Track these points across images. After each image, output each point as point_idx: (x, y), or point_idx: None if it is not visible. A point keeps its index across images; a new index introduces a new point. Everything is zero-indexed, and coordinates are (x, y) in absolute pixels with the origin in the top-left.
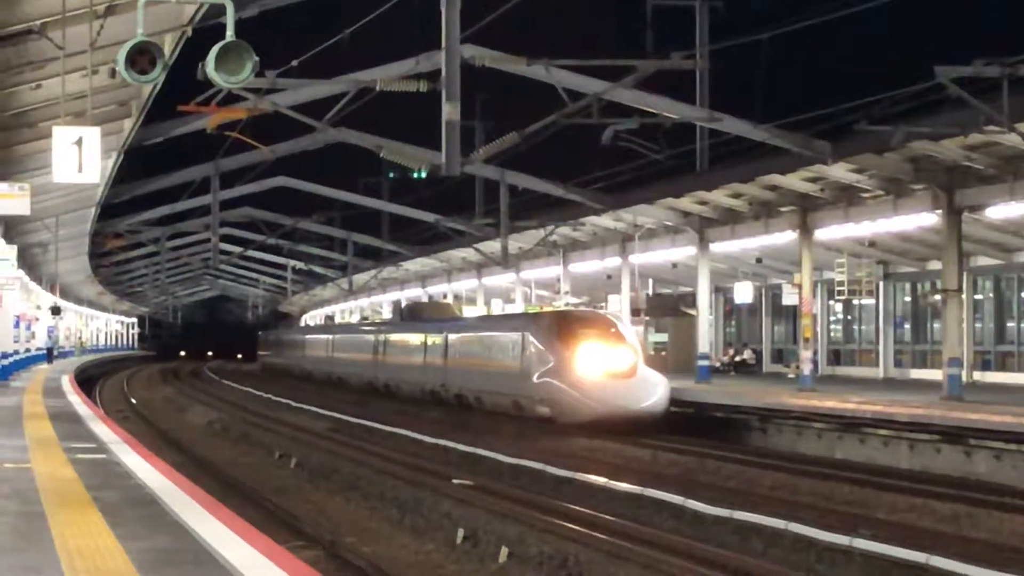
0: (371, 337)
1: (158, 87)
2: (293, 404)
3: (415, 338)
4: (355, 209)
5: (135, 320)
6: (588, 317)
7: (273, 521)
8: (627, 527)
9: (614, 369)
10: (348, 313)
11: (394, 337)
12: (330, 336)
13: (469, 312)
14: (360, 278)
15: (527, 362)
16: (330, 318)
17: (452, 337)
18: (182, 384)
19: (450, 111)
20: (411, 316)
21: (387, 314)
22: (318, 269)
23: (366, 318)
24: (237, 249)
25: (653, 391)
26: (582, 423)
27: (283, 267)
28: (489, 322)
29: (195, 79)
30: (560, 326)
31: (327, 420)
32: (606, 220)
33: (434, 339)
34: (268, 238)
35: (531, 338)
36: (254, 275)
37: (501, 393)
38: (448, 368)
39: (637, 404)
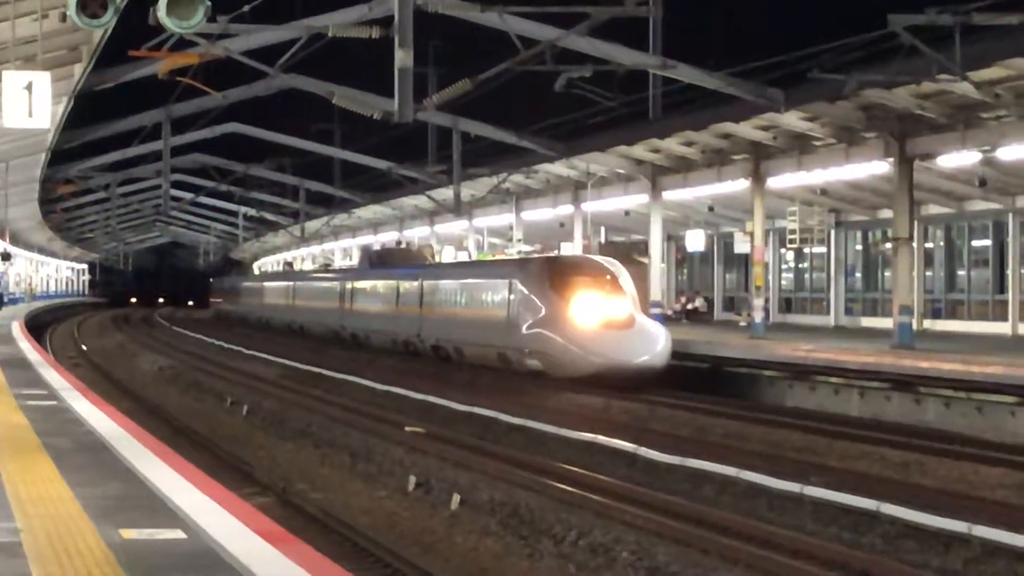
0: (337, 284)
1: (109, 32)
2: (245, 352)
3: (386, 285)
4: (307, 156)
5: (86, 267)
6: (582, 263)
7: (225, 468)
8: (579, 475)
9: (612, 319)
10: (312, 259)
11: (363, 284)
12: (291, 283)
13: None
14: (312, 225)
15: (515, 311)
16: (289, 264)
17: (428, 284)
18: (133, 331)
19: (403, 57)
20: (381, 262)
21: (349, 261)
22: (270, 216)
23: (328, 264)
24: (188, 196)
25: (654, 343)
26: (576, 377)
27: (234, 214)
28: (470, 268)
29: (146, 24)
30: (552, 272)
31: (279, 367)
32: (559, 168)
33: (407, 286)
34: (219, 185)
35: (520, 285)
36: (205, 222)
37: (485, 345)
38: (424, 317)
39: (636, 357)
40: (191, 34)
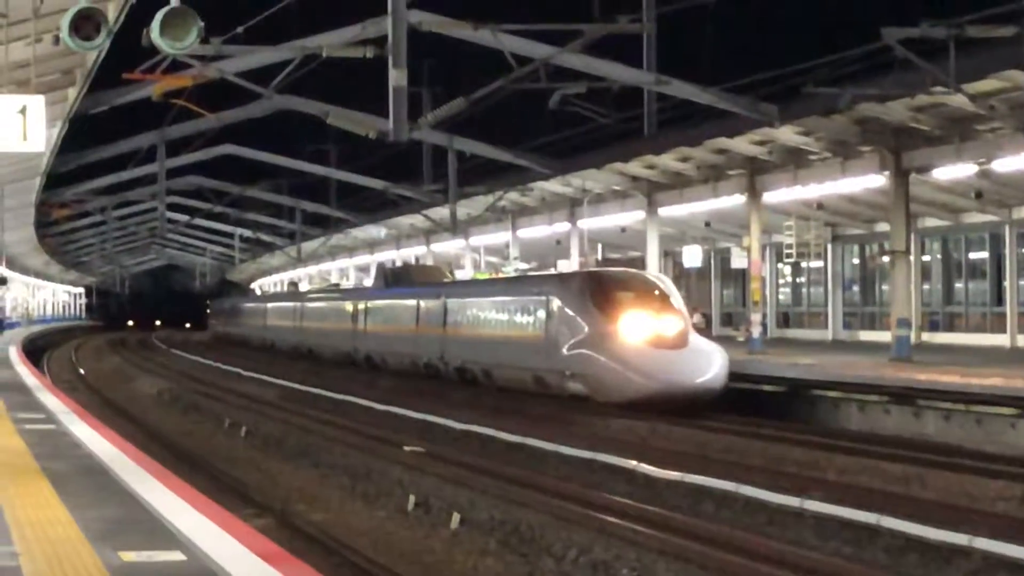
0: (349, 304)
1: (103, 54)
2: (243, 373)
3: (405, 304)
4: (302, 176)
5: (83, 290)
6: (629, 277)
7: (224, 490)
8: (578, 492)
9: (664, 338)
10: (319, 279)
11: (378, 303)
12: (299, 303)
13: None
14: (309, 246)
15: (555, 331)
16: (294, 284)
17: (453, 302)
18: (131, 354)
19: (397, 77)
20: (398, 280)
21: (354, 280)
22: (266, 237)
23: (335, 285)
24: (184, 218)
25: (710, 364)
26: (626, 403)
27: (230, 235)
28: (501, 285)
29: (140, 46)
30: (597, 288)
31: (277, 388)
32: (555, 185)
33: (429, 304)
34: (215, 206)
35: (560, 302)
36: (201, 244)
37: (518, 367)
38: (447, 338)
39: (692, 379)
40: (185, 55)
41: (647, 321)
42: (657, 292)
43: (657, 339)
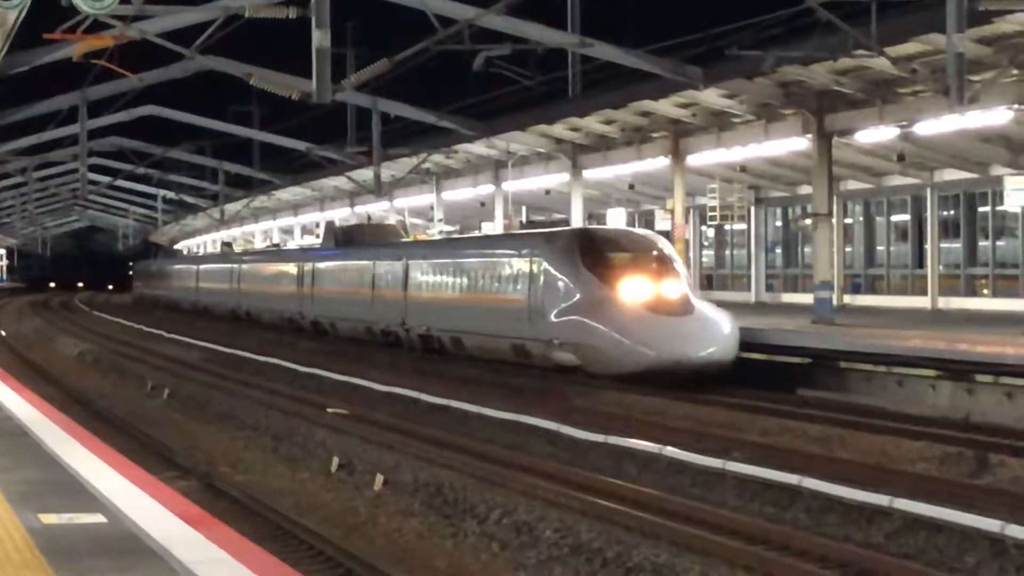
0: (294, 266)
1: (23, 14)
2: (166, 335)
3: (360, 265)
4: (225, 138)
5: (3, 252)
6: (621, 236)
7: (146, 452)
8: (502, 453)
9: (666, 303)
10: (258, 238)
11: (328, 264)
12: (235, 265)
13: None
14: (232, 207)
15: (539, 294)
16: (228, 244)
17: (416, 264)
18: (52, 316)
19: (320, 38)
20: (350, 239)
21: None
22: (188, 199)
23: (275, 245)
24: (106, 179)
25: (718, 333)
26: (623, 375)
27: (153, 197)
28: (475, 244)
29: (61, 6)
30: (588, 247)
31: (200, 351)
32: (479, 147)
33: (388, 266)
34: (137, 168)
35: (544, 263)
36: (124, 205)
37: (493, 335)
38: (410, 303)
39: (698, 350)
40: (106, 16)
41: (647, 284)
42: (655, 252)
43: (660, 304)
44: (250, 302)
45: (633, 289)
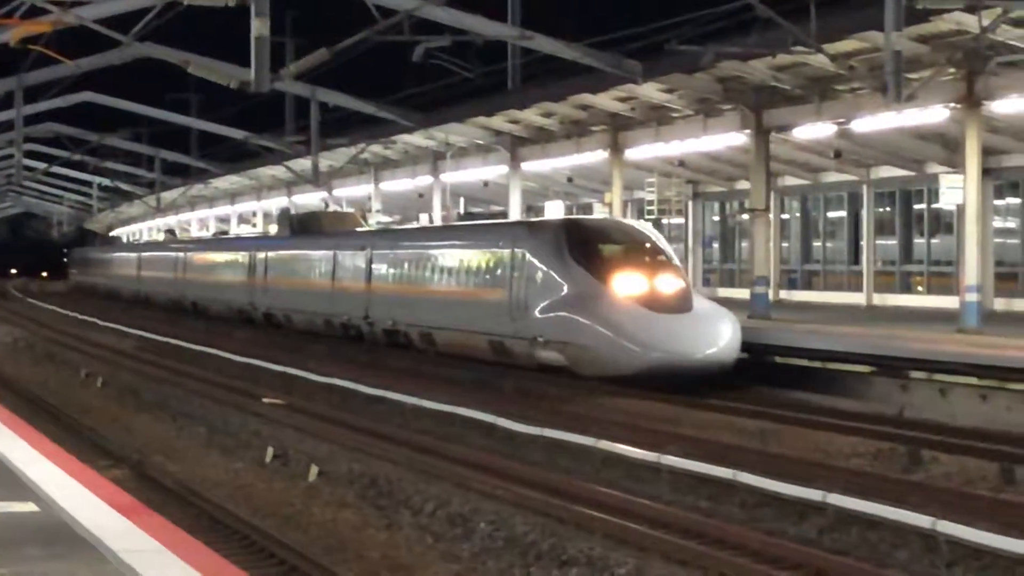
0: (245, 254)
1: None
2: (100, 323)
3: (318, 255)
4: (163, 126)
5: None
6: (612, 227)
7: (79, 441)
8: (437, 445)
9: (663, 299)
10: (203, 225)
11: (283, 254)
12: (181, 253)
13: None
14: (168, 195)
15: (522, 288)
16: (171, 232)
17: (381, 254)
18: None
19: (259, 26)
20: (306, 228)
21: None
22: (125, 186)
23: (224, 232)
24: (42, 165)
25: (720, 332)
26: (616, 377)
27: (89, 184)
28: (447, 234)
29: None
30: (577, 238)
31: (135, 339)
32: (418, 138)
33: (349, 257)
34: (73, 154)
35: (528, 255)
36: (59, 192)
37: (469, 330)
38: (374, 295)
39: (699, 350)
40: (43, 1)
41: (642, 278)
42: (649, 245)
43: (656, 301)
44: (196, 292)
45: (628, 283)
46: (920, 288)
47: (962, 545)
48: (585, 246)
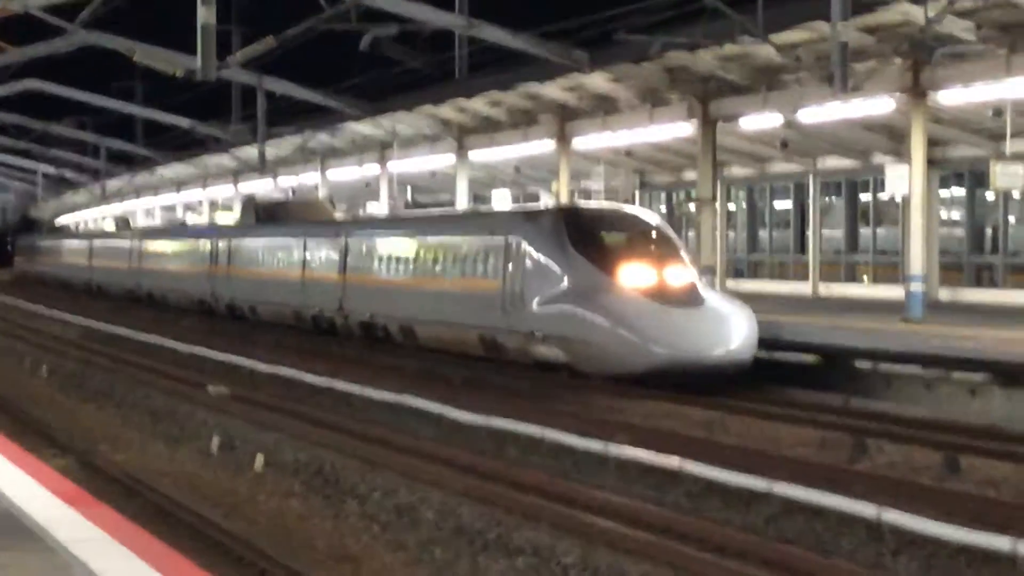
0: (206, 243)
1: None
2: (45, 312)
3: (287, 243)
4: (108, 114)
5: None
6: (615, 215)
7: (24, 430)
8: (384, 435)
9: (672, 292)
10: (155, 213)
11: (247, 243)
12: (136, 242)
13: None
14: (113, 184)
15: (517, 279)
16: (125, 220)
17: (357, 243)
18: None
19: (205, 14)
20: (272, 216)
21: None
22: (69, 174)
23: (182, 221)
24: None
25: (735, 327)
26: (622, 375)
27: (33, 172)
28: (432, 222)
29: None
30: (577, 227)
31: (80, 328)
32: (364, 127)
33: (323, 245)
34: (18, 142)
35: (524, 244)
36: (3, 180)
37: (457, 324)
38: (350, 286)
39: (713, 347)
40: None
41: (651, 270)
42: (655, 234)
43: (665, 293)
44: (152, 282)
45: (635, 275)
46: (865, 278)
47: (907, 533)
48: (587, 234)
